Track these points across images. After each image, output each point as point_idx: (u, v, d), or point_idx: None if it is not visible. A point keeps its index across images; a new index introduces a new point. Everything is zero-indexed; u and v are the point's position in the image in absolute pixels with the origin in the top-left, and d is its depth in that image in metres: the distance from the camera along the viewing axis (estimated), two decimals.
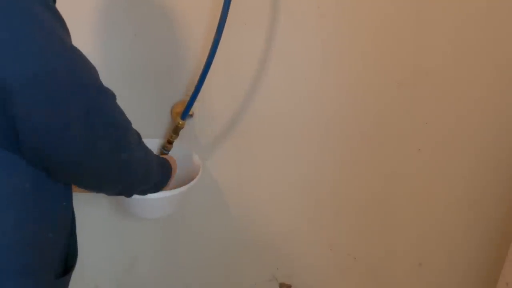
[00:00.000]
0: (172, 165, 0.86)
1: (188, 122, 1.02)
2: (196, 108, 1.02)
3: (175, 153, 1.01)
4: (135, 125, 0.69)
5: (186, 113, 0.95)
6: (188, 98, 0.95)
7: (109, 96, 0.57)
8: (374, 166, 1.06)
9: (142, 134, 1.01)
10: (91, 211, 1.14)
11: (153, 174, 0.77)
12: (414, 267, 1.15)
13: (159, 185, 0.82)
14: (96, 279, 1.24)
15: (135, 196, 0.86)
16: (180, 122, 0.96)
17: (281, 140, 1.06)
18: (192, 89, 0.95)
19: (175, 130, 0.98)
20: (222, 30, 0.86)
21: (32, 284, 0.60)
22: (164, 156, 0.89)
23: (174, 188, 0.90)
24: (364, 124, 1.02)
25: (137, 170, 0.69)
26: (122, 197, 0.91)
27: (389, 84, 0.98)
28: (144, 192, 0.80)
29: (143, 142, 0.72)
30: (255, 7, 0.95)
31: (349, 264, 1.17)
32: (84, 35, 0.96)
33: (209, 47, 0.90)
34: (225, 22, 0.86)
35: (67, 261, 0.71)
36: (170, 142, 0.99)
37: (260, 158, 1.09)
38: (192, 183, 0.92)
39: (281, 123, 1.05)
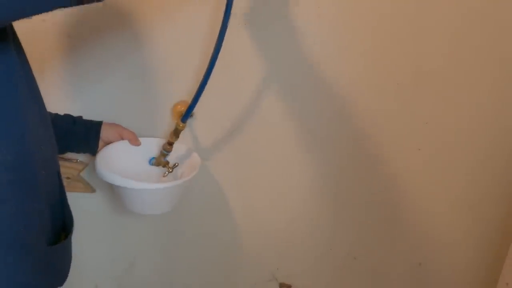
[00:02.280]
0: None
1: (189, 123, 1.02)
2: (196, 108, 1.02)
3: (176, 151, 1.01)
4: (135, 125, 0.69)
5: (186, 116, 0.95)
6: (188, 98, 0.95)
7: None
8: (374, 166, 1.06)
9: (142, 133, 1.02)
10: (91, 211, 1.14)
11: None
12: (414, 267, 1.15)
13: None
14: (96, 279, 1.24)
15: (133, 191, 0.87)
16: (181, 125, 0.96)
17: (281, 140, 1.06)
18: (193, 88, 0.94)
19: (176, 132, 0.98)
20: (223, 36, 0.86)
21: (22, 251, 0.61)
22: None
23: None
24: (364, 124, 1.02)
25: None
26: (119, 193, 0.92)
27: (389, 84, 0.98)
28: None
29: None
30: (255, 7, 0.95)
31: (349, 264, 1.17)
32: (84, 35, 0.96)
33: (211, 46, 0.90)
34: (226, 28, 0.85)
35: (64, 232, 0.72)
36: (170, 144, 0.99)
37: (260, 158, 1.09)
38: (189, 177, 0.92)
39: (281, 123, 1.05)
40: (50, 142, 0.71)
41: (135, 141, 1.00)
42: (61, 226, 0.73)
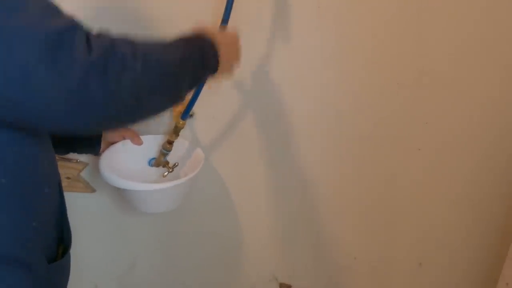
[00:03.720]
0: (209, 35, 0.66)
1: (188, 122, 1.02)
2: (196, 108, 1.02)
3: (178, 149, 1.01)
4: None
5: (186, 114, 0.95)
6: (188, 98, 0.95)
7: (66, 32, 0.49)
8: (374, 166, 1.06)
9: (142, 133, 1.02)
10: (91, 211, 1.14)
11: (186, 66, 0.61)
12: (414, 267, 1.15)
13: (201, 75, 0.65)
14: (96, 279, 1.24)
15: (136, 190, 0.86)
16: (180, 122, 0.96)
17: (281, 140, 1.06)
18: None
19: (175, 130, 0.98)
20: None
21: (22, 271, 0.60)
22: (193, 31, 0.67)
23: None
24: (364, 124, 1.02)
25: (164, 72, 0.57)
26: (124, 192, 0.92)
27: (389, 84, 0.98)
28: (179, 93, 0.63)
29: (149, 45, 0.60)
30: (256, 7, 0.95)
31: (349, 264, 1.17)
32: None
33: None
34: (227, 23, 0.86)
35: (62, 245, 0.72)
36: (170, 143, 0.99)
37: (260, 158, 1.09)
38: (192, 174, 0.92)
39: (281, 123, 1.05)
40: (52, 151, 0.69)
41: (137, 140, 1.00)
42: (60, 240, 0.72)
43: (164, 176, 1.00)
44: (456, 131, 1.00)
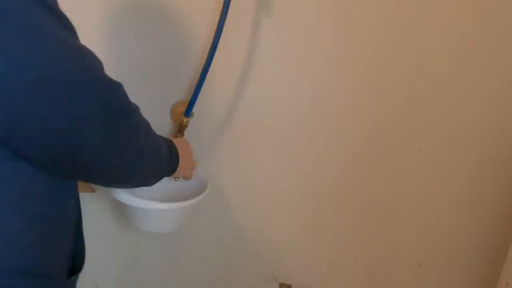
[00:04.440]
0: (181, 149, 0.80)
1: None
2: (196, 108, 1.02)
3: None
4: None
5: (189, 110, 0.95)
6: (188, 98, 0.95)
7: (117, 85, 0.57)
8: (374, 166, 1.06)
9: None
10: (91, 211, 1.14)
11: (162, 160, 0.73)
12: (414, 267, 1.15)
13: (163, 172, 0.76)
14: (96, 279, 1.24)
15: (138, 209, 0.85)
16: (184, 120, 0.96)
17: (281, 140, 1.06)
18: (192, 89, 0.95)
19: (180, 129, 0.98)
20: (220, 32, 0.87)
21: (45, 285, 0.60)
22: (172, 139, 0.82)
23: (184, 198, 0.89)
24: (364, 124, 1.02)
25: (153, 156, 0.68)
26: (125, 209, 0.91)
27: (389, 84, 0.98)
28: (148, 181, 0.75)
29: (152, 129, 0.71)
30: (256, 7, 0.95)
31: (349, 264, 1.17)
32: (84, 35, 0.96)
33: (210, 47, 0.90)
34: (223, 25, 0.86)
35: (75, 259, 0.71)
36: None
37: (260, 158, 1.09)
38: (196, 199, 0.90)
39: (281, 124, 1.04)
40: None
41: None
42: (76, 254, 0.71)
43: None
44: (456, 131, 1.00)
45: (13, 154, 0.51)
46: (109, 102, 0.54)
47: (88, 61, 0.52)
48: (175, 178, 0.94)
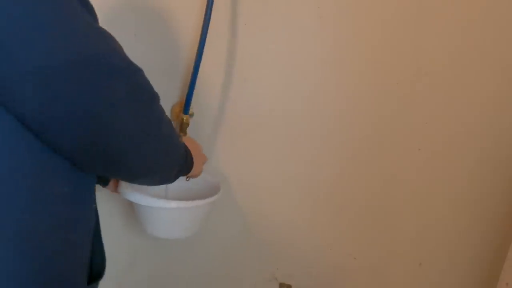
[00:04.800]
0: (190, 147, 0.80)
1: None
2: (196, 107, 1.02)
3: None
4: None
5: (187, 107, 0.95)
6: (184, 93, 0.95)
7: (141, 71, 0.58)
8: (374, 166, 1.06)
9: None
10: None
11: (181, 154, 0.73)
12: (414, 267, 1.15)
13: (183, 168, 0.76)
14: None
15: (155, 212, 0.85)
16: (185, 118, 0.97)
17: (281, 140, 1.06)
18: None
19: (182, 128, 0.98)
20: (207, 30, 0.88)
21: None
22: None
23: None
24: (364, 124, 1.02)
25: (175, 147, 0.68)
26: (140, 214, 0.91)
27: (389, 84, 0.98)
28: (170, 174, 0.74)
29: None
30: (255, 7, 0.95)
31: (349, 264, 1.17)
32: None
33: (210, 46, 0.90)
34: (208, 23, 0.87)
35: (94, 266, 0.70)
36: None
37: (260, 158, 1.09)
38: (212, 198, 0.91)
39: (281, 124, 1.05)
40: None
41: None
42: (94, 260, 0.70)
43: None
44: (456, 131, 1.00)
45: (44, 150, 0.50)
46: (137, 86, 0.55)
47: (115, 46, 0.53)
48: (187, 178, 0.95)
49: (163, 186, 1.00)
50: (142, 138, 0.57)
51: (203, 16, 0.93)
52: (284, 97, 1.02)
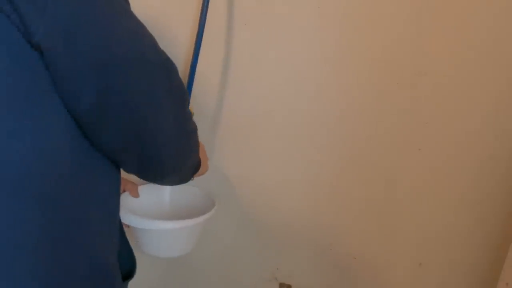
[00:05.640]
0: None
1: None
2: (196, 107, 1.02)
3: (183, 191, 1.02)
4: None
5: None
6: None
7: (175, 65, 0.59)
8: (374, 165, 1.06)
9: None
10: None
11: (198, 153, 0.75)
12: (414, 267, 1.14)
13: (197, 167, 0.79)
14: None
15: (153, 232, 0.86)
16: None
17: (280, 140, 1.06)
18: (193, 90, 0.95)
19: None
20: (203, 30, 0.88)
21: (109, 285, 0.61)
22: None
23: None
24: (364, 124, 1.02)
25: (197, 146, 0.70)
26: (137, 235, 0.91)
27: (389, 84, 0.98)
28: (191, 173, 0.77)
29: None
30: (255, 7, 0.95)
31: (349, 264, 1.17)
32: None
33: (210, 47, 0.90)
34: (204, 25, 0.88)
35: (123, 263, 0.71)
36: None
37: (259, 159, 1.09)
38: (207, 215, 0.91)
39: (281, 124, 1.04)
40: None
41: (134, 193, 0.99)
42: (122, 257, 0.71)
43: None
44: (456, 131, 1.00)
45: (90, 149, 0.52)
46: (175, 82, 0.57)
47: (155, 42, 0.55)
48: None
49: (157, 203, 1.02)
50: (177, 133, 0.59)
51: (208, 16, 0.93)
52: (284, 97, 1.02)
